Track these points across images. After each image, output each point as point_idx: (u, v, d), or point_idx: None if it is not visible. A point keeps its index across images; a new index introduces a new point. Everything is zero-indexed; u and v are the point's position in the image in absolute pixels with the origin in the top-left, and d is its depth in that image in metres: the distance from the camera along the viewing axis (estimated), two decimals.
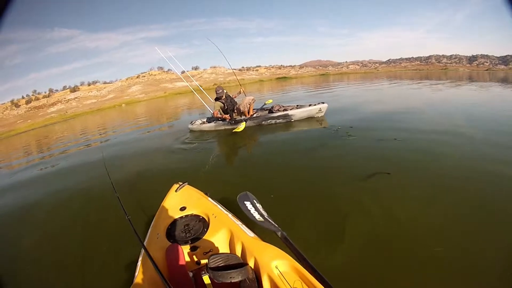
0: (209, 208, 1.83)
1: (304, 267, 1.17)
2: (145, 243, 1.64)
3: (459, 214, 2.18)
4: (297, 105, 6.21)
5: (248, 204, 1.64)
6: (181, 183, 2.17)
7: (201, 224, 1.72)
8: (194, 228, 1.69)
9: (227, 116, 5.90)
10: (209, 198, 2.00)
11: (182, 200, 1.98)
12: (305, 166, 3.49)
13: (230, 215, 1.76)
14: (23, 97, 34.97)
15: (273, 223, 1.51)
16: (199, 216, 1.81)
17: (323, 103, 6.00)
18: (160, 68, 43.19)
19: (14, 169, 6.45)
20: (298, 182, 3.03)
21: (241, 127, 5.46)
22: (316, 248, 1.88)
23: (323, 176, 3.12)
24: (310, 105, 6.03)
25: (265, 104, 6.43)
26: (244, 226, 1.63)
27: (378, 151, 3.67)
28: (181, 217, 1.82)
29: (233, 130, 5.51)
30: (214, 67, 45.52)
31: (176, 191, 2.09)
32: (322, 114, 6.05)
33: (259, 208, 1.63)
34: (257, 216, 1.56)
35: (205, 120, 6.51)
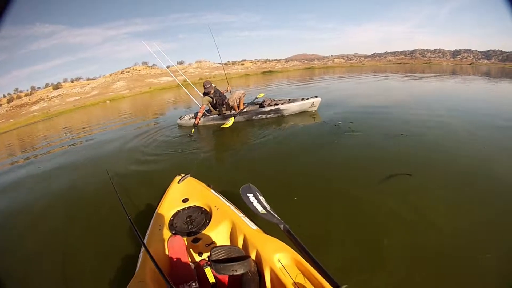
0: (212, 200, 1.83)
1: (307, 261, 1.18)
2: (147, 234, 1.64)
3: (492, 213, 2.10)
4: (289, 99, 6.08)
5: (250, 196, 1.64)
6: (184, 174, 2.15)
7: (204, 216, 1.72)
8: (197, 220, 1.69)
9: (199, 115, 5.71)
10: (212, 190, 2.00)
11: (184, 192, 1.97)
12: (317, 166, 3.30)
13: (232, 207, 1.77)
14: (4, 96, 33.29)
15: (275, 215, 1.52)
16: (202, 208, 1.81)
17: (316, 97, 5.86)
18: (145, 63, 41.85)
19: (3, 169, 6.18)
20: (315, 185, 2.83)
21: (229, 122, 5.28)
22: (360, 267, 1.72)
23: (341, 178, 2.92)
24: (302, 99, 5.90)
25: (256, 98, 6.32)
26: (246, 218, 1.64)
27: (389, 148, 3.56)
28: (184, 209, 1.82)
29: (221, 126, 5.32)
30: (200, 61, 44.61)
31: (178, 182, 2.08)
32: (315, 108, 5.94)
33: (261, 200, 1.64)
34: (260, 209, 1.57)
35: (193, 115, 6.35)
